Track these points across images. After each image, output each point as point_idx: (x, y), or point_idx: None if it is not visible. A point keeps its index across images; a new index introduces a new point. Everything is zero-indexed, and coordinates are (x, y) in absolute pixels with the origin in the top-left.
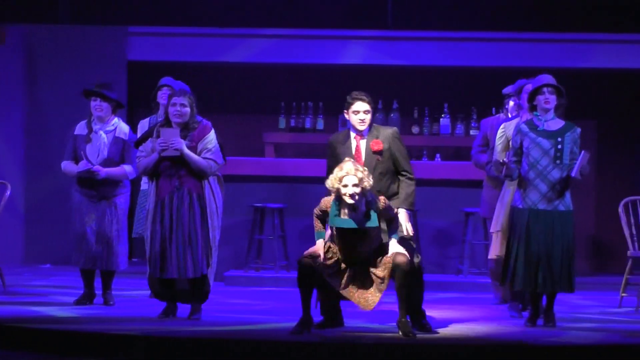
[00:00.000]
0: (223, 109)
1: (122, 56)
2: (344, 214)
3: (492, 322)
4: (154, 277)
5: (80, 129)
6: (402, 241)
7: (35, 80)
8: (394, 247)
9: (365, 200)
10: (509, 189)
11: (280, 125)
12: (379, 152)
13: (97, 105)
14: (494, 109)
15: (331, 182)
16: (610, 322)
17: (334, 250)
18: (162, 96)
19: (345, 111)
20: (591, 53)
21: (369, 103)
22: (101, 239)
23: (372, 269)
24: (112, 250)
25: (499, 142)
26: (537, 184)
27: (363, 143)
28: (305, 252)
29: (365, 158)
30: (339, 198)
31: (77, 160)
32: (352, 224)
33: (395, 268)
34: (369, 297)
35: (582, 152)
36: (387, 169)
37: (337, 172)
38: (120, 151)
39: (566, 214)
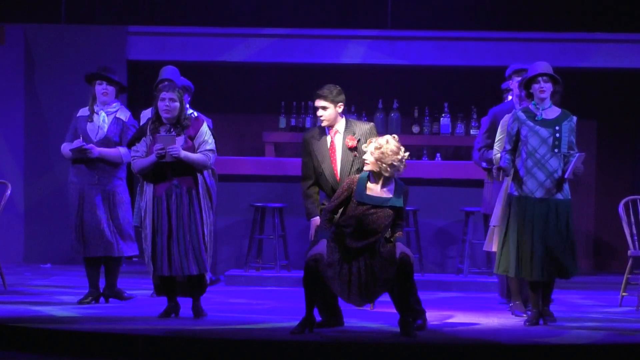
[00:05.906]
0: (223, 109)
1: (122, 56)
2: (370, 189)
3: (492, 321)
4: (155, 274)
5: (83, 111)
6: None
7: (35, 80)
8: (400, 246)
9: (395, 182)
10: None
11: (281, 124)
12: (354, 149)
13: (103, 89)
14: None
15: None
16: (610, 322)
17: (336, 244)
18: None
19: None
20: (591, 52)
21: (326, 99)
22: (98, 227)
23: (375, 268)
24: (105, 236)
25: (499, 137)
26: (534, 173)
27: (339, 139)
28: (311, 254)
29: (342, 154)
30: (368, 173)
31: None
32: (379, 202)
33: (399, 267)
34: (370, 294)
35: (577, 154)
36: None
37: (377, 141)
38: (120, 132)
39: (564, 202)
